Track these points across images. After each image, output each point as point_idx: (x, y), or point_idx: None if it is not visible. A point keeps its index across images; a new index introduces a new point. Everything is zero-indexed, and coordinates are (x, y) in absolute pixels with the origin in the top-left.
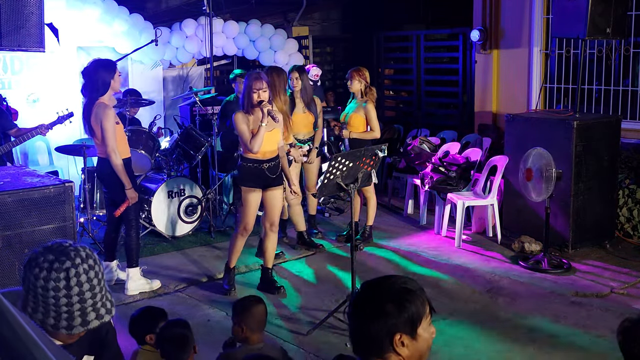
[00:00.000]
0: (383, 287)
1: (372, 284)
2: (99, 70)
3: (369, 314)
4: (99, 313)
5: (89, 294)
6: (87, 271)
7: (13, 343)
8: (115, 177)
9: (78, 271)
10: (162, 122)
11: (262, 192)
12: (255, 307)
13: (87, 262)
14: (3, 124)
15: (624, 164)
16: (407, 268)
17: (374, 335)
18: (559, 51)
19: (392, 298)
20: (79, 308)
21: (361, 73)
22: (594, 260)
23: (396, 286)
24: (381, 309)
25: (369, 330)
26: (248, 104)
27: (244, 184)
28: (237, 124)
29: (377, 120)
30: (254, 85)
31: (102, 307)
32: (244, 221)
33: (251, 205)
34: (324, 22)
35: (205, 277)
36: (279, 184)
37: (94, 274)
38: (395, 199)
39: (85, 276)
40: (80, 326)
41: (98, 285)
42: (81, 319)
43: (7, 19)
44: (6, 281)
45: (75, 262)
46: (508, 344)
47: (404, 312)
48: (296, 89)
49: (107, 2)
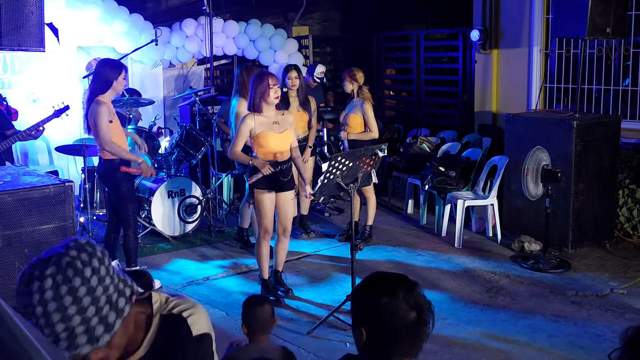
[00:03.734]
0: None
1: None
2: (105, 68)
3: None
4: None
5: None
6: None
7: (9, 344)
8: (115, 176)
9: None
10: (162, 122)
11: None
12: (259, 309)
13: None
14: (1, 123)
15: (624, 163)
16: (407, 268)
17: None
18: (559, 51)
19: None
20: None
21: (352, 74)
22: (594, 260)
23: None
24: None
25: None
26: (262, 102)
27: (256, 186)
28: (241, 125)
29: (374, 120)
30: (271, 82)
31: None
32: (263, 224)
33: (266, 207)
34: (324, 22)
35: (205, 277)
36: (290, 188)
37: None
38: (395, 199)
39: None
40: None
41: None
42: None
43: (7, 19)
44: (6, 281)
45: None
46: (508, 344)
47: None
48: (294, 88)
49: (107, 2)
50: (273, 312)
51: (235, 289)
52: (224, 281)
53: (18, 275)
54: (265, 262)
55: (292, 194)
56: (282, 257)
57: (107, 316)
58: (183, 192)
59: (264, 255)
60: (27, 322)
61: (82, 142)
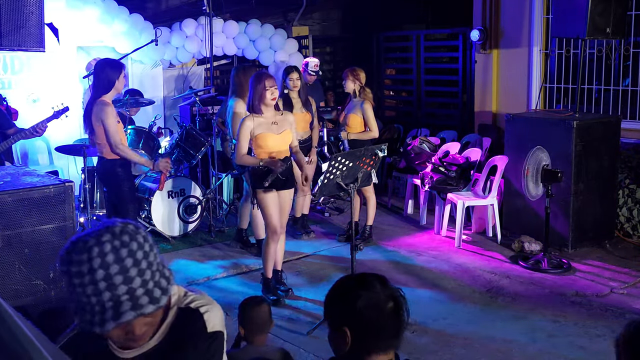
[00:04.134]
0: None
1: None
2: (105, 68)
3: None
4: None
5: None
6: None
7: (10, 344)
8: (115, 176)
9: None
10: (162, 122)
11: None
12: (256, 310)
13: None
14: (2, 123)
15: (624, 163)
16: (407, 268)
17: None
18: (559, 51)
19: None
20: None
21: (355, 73)
22: (594, 260)
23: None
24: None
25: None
26: (260, 104)
27: (259, 186)
28: (240, 128)
29: (374, 120)
30: (267, 83)
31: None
32: (271, 224)
33: (271, 206)
34: (324, 22)
35: (205, 277)
36: (290, 187)
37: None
38: (395, 199)
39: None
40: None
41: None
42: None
43: (7, 19)
44: (6, 281)
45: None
46: (508, 344)
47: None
48: (296, 89)
49: (107, 2)
50: (270, 313)
51: (236, 289)
52: (224, 281)
53: (63, 248)
54: (271, 262)
55: (291, 192)
56: (280, 255)
57: (159, 281)
58: (183, 192)
59: (271, 254)
60: (27, 322)
61: (82, 143)
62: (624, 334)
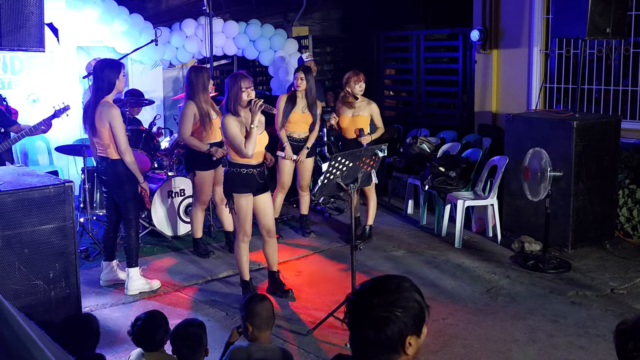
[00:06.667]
0: (383, 293)
1: (370, 291)
2: (105, 69)
3: (378, 323)
4: None
5: None
6: None
7: (12, 343)
8: (115, 176)
9: None
10: (162, 122)
11: (253, 197)
12: (261, 305)
13: None
14: (3, 122)
15: (624, 164)
16: (407, 268)
17: (385, 342)
18: (559, 51)
19: (397, 303)
20: None
21: (344, 80)
22: (594, 260)
23: (395, 287)
24: (389, 316)
25: (379, 338)
26: (236, 105)
27: (235, 190)
28: (229, 128)
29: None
30: (243, 84)
31: None
32: (243, 228)
33: (245, 211)
34: (324, 22)
35: (205, 277)
36: (267, 189)
37: None
38: (395, 199)
39: None
40: None
41: None
42: None
43: (7, 19)
44: (6, 281)
45: None
46: (508, 344)
47: (411, 315)
48: (300, 88)
49: (107, 2)
50: (273, 307)
51: (236, 289)
52: (224, 281)
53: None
54: (246, 264)
55: (269, 194)
56: (274, 258)
57: None
58: (183, 192)
59: (244, 257)
60: (30, 322)
61: (82, 143)
62: (616, 327)
